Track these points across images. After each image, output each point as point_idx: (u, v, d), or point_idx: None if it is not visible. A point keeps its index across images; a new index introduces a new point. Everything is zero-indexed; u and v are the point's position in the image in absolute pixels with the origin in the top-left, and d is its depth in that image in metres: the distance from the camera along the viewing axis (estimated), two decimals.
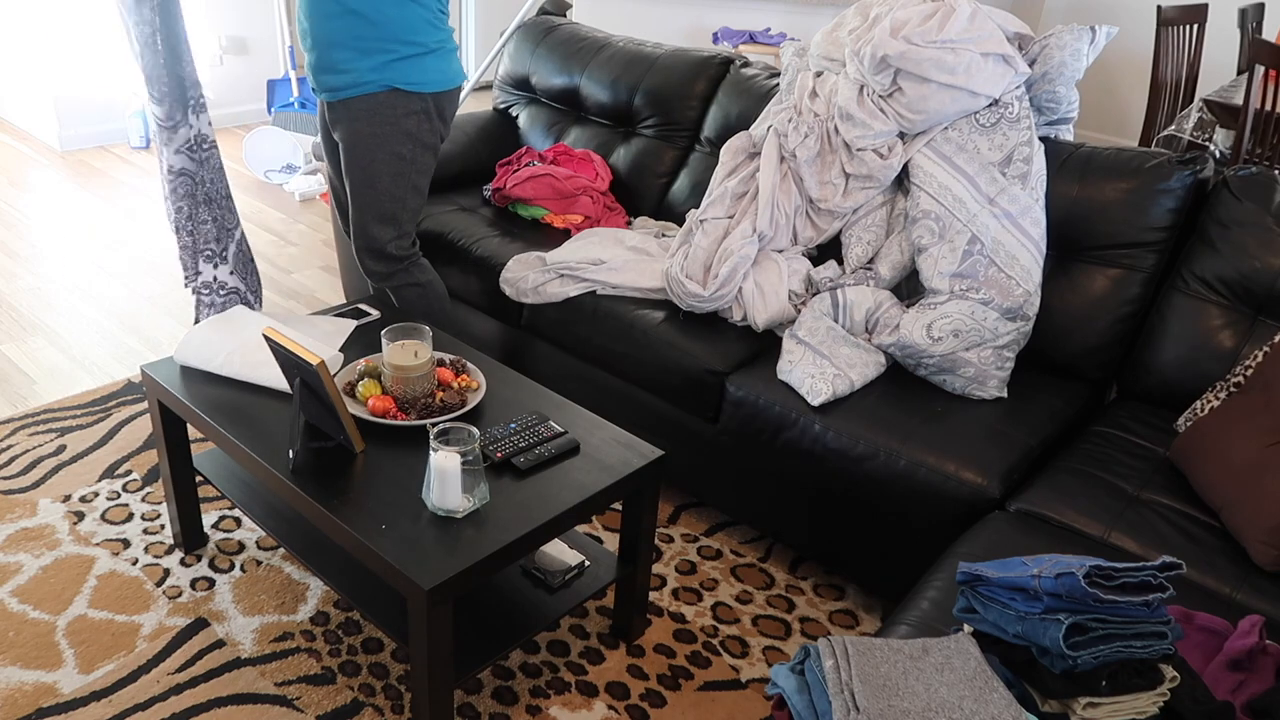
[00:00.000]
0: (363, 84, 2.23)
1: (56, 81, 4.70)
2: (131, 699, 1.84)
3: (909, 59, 2.23)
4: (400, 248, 2.43)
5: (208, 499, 2.39)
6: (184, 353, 2.00)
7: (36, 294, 3.37)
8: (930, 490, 1.93)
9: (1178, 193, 2.14)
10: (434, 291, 2.53)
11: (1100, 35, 2.25)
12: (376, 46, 2.21)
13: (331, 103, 2.31)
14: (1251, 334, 2.05)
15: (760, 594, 2.21)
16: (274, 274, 3.65)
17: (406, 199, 2.37)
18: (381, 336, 1.88)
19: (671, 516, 2.45)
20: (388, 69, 2.23)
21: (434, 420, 1.85)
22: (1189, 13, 4.39)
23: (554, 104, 3.21)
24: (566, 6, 3.41)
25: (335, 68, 2.24)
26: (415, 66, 2.25)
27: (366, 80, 2.23)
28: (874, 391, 2.14)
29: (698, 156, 2.90)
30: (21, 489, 2.38)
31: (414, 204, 2.40)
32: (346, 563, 1.89)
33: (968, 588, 1.34)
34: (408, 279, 2.48)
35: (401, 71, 2.24)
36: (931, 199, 2.25)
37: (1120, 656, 1.19)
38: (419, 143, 2.33)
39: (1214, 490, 1.76)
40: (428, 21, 2.25)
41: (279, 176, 4.58)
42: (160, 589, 2.10)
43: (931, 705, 1.17)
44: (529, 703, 1.89)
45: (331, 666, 1.94)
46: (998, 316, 2.14)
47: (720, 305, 2.37)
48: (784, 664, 1.32)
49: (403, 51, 2.23)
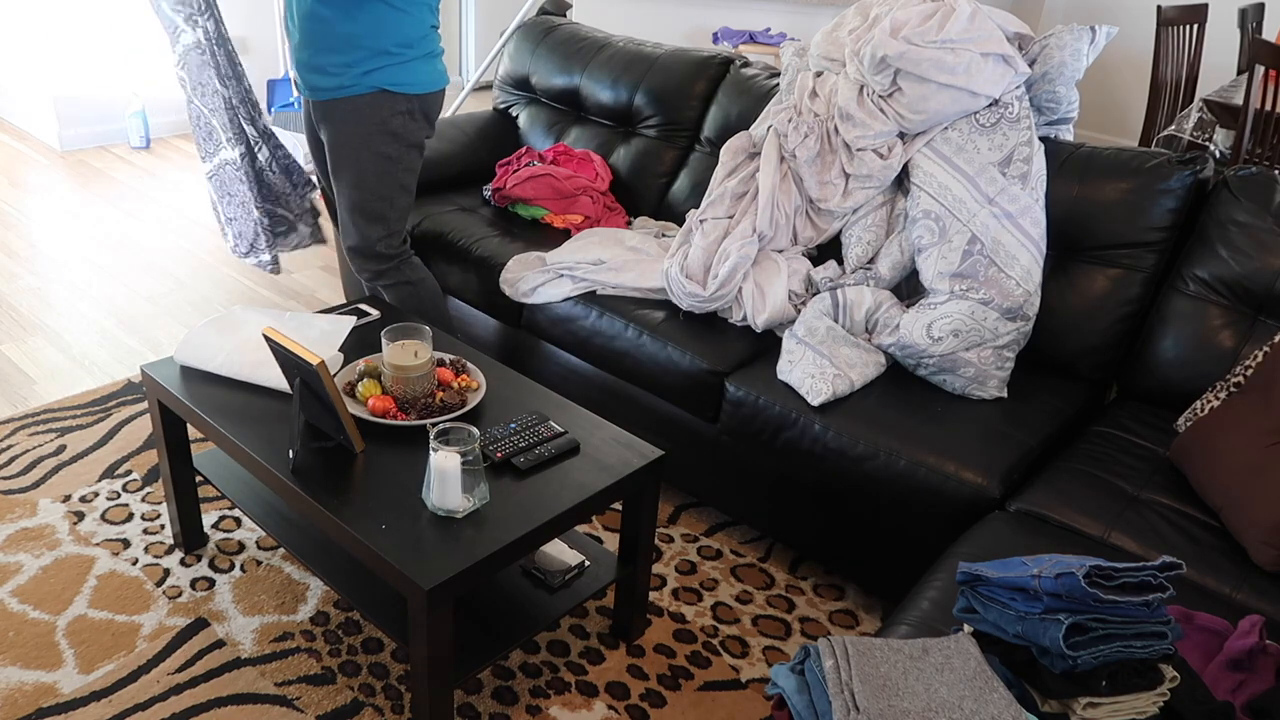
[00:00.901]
0: (350, 85, 2.25)
1: (56, 81, 4.70)
2: (131, 699, 1.84)
3: (909, 59, 2.23)
4: (389, 246, 2.43)
5: (208, 499, 2.39)
6: (184, 353, 2.00)
7: (36, 294, 3.37)
8: (930, 490, 1.93)
9: (1178, 193, 2.14)
10: (426, 290, 2.53)
11: (1100, 35, 2.26)
12: (365, 50, 2.22)
13: (317, 102, 2.32)
14: (1251, 334, 2.05)
15: (760, 594, 2.21)
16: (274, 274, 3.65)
17: (394, 198, 2.38)
18: (381, 336, 1.88)
19: (671, 516, 2.45)
20: (376, 72, 2.24)
21: (434, 420, 1.85)
22: (1189, 13, 4.39)
23: (554, 104, 3.21)
24: (566, 6, 3.41)
25: (323, 69, 2.25)
26: (403, 69, 2.27)
27: (354, 82, 2.24)
28: (874, 391, 2.14)
29: (698, 156, 2.90)
30: (21, 489, 2.38)
31: (402, 203, 2.41)
32: (346, 563, 1.88)
33: (968, 588, 1.34)
34: (399, 277, 2.48)
35: (389, 74, 2.26)
36: (931, 199, 2.25)
37: (1120, 656, 1.19)
38: (405, 142, 2.34)
39: (1214, 490, 1.76)
40: (415, 27, 2.26)
41: None
42: (160, 589, 2.10)
43: (931, 705, 1.17)
44: (529, 703, 1.89)
45: (331, 666, 1.94)
46: (998, 316, 2.14)
47: (720, 305, 2.37)
48: (784, 664, 1.32)
49: (391, 55, 2.24)
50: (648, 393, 2.38)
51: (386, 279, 2.48)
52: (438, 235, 2.79)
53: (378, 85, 2.25)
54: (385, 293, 2.51)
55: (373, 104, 2.27)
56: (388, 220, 2.40)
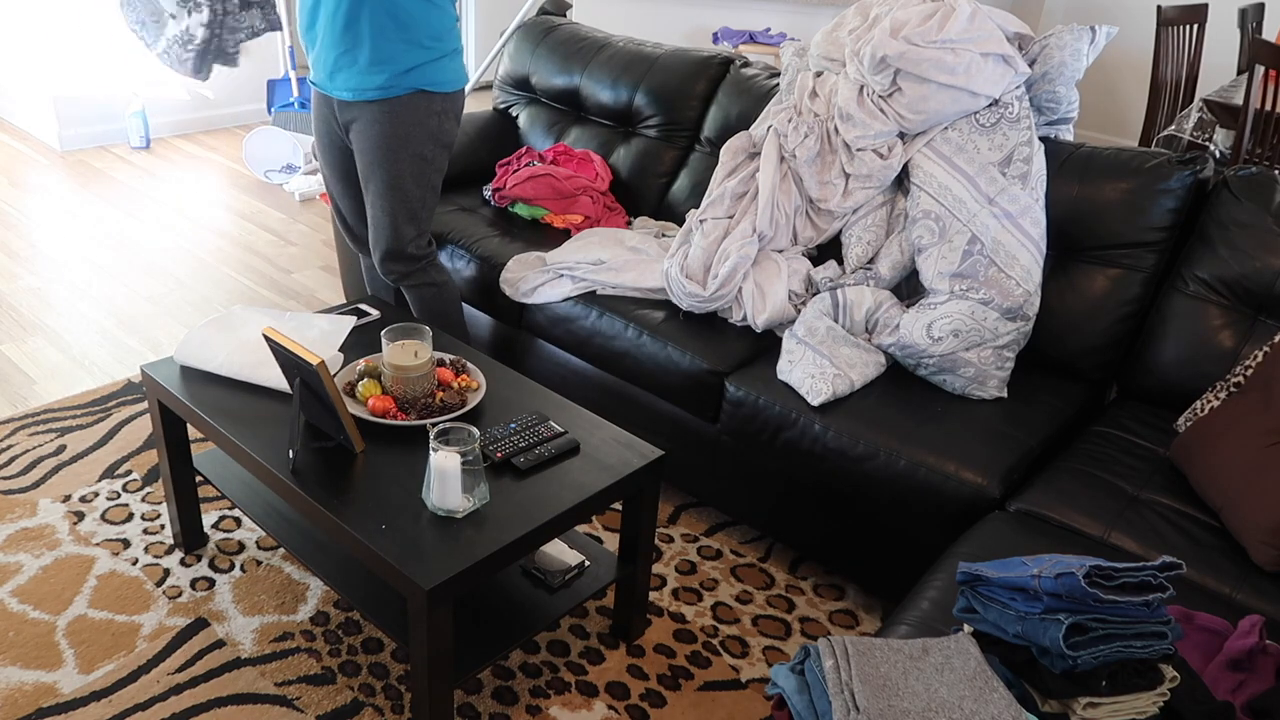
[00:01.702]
0: (391, 86, 2.24)
1: (56, 81, 4.70)
2: (131, 699, 1.84)
3: (909, 59, 2.23)
4: (419, 247, 2.44)
5: (208, 499, 2.39)
6: (184, 353, 2.00)
7: (36, 294, 3.37)
8: (930, 490, 1.93)
9: (1178, 193, 2.14)
10: (449, 292, 2.54)
11: (1100, 35, 2.26)
12: (406, 48, 2.22)
13: (349, 104, 2.31)
14: (1251, 334, 2.05)
15: (760, 594, 2.21)
16: (274, 274, 3.65)
17: (427, 199, 2.40)
18: (381, 336, 1.88)
19: (671, 516, 2.45)
20: (416, 71, 2.24)
21: (434, 420, 1.85)
22: (1189, 13, 4.39)
23: (554, 104, 3.21)
24: (566, 6, 3.41)
25: (363, 69, 2.23)
26: (438, 68, 2.27)
27: (395, 82, 2.24)
28: (874, 391, 2.14)
29: (698, 156, 2.90)
30: (21, 489, 2.38)
31: (432, 203, 2.43)
32: (346, 563, 1.88)
33: (968, 588, 1.34)
34: (425, 278, 2.49)
35: (427, 73, 2.26)
36: (931, 199, 2.25)
37: (1120, 656, 1.19)
38: (439, 143, 2.35)
39: (1214, 490, 1.76)
40: (444, 19, 2.27)
41: (279, 176, 4.58)
42: (160, 589, 2.10)
43: (931, 705, 1.17)
44: (529, 703, 1.89)
45: (331, 666, 1.94)
46: (998, 316, 2.14)
47: (720, 305, 2.37)
48: (784, 664, 1.32)
49: (430, 54, 2.25)
50: (648, 393, 2.38)
51: (413, 279, 2.48)
52: (438, 235, 2.79)
53: (415, 86, 2.25)
54: (409, 293, 2.51)
55: (410, 105, 2.26)
56: (420, 221, 2.41)
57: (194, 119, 5.25)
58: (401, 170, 2.32)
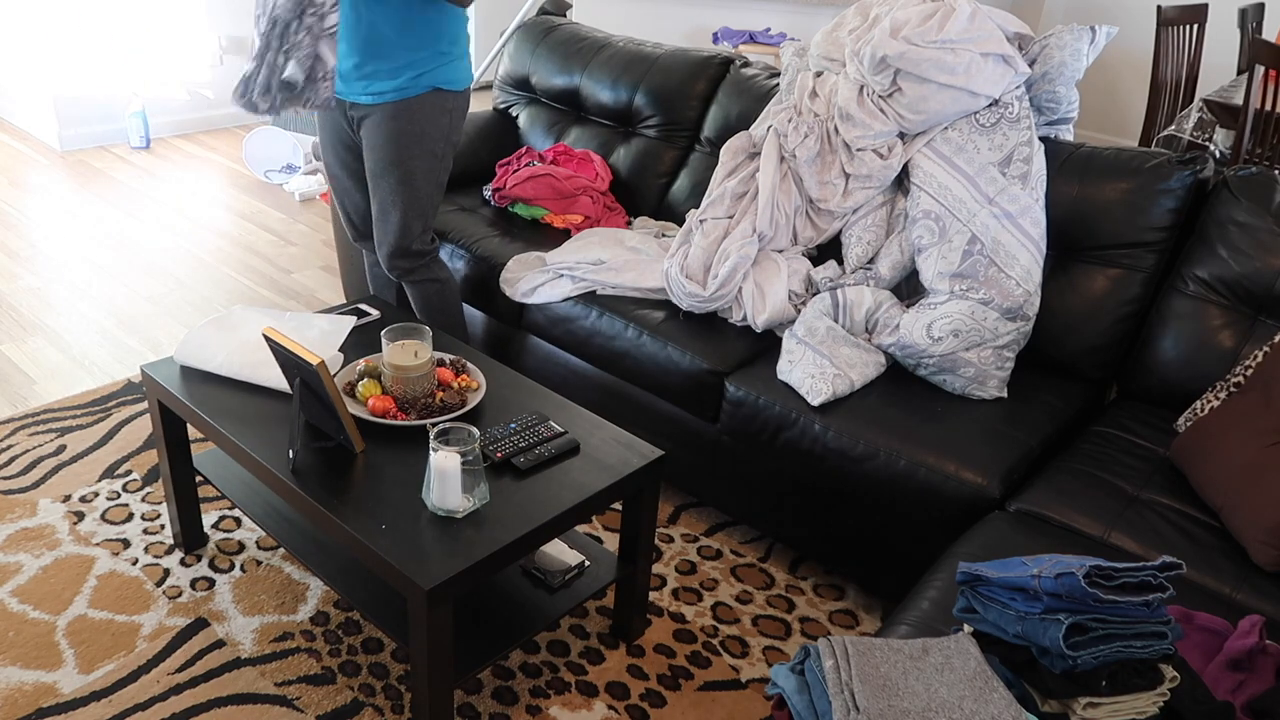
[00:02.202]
0: (408, 87, 2.27)
1: (56, 81, 4.70)
2: (131, 699, 1.84)
3: (909, 59, 2.23)
4: (424, 243, 2.47)
5: (208, 499, 2.39)
6: (184, 353, 2.00)
7: (36, 294, 3.37)
8: (930, 490, 1.93)
9: (1178, 193, 2.14)
10: (450, 289, 2.56)
11: (1100, 35, 2.25)
12: (424, 50, 2.25)
13: (364, 105, 2.32)
14: (1251, 334, 2.05)
15: (760, 594, 2.21)
16: (274, 274, 3.65)
17: (434, 195, 2.43)
18: (381, 336, 1.88)
19: (671, 516, 2.45)
20: (433, 71, 2.27)
21: (434, 420, 1.85)
22: (1189, 13, 4.39)
23: (554, 104, 3.21)
24: (566, 6, 3.41)
25: (379, 73, 2.25)
26: (450, 67, 2.31)
27: (411, 83, 2.26)
28: (874, 391, 2.14)
29: (698, 156, 2.90)
30: (21, 489, 2.38)
31: (438, 200, 2.46)
32: (346, 563, 1.88)
33: (968, 588, 1.34)
34: (428, 274, 2.51)
35: (441, 73, 2.29)
36: (931, 199, 2.25)
37: (1120, 656, 1.19)
38: (449, 141, 2.38)
39: (1214, 490, 1.76)
40: (457, 20, 2.31)
41: (279, 176, 4.58)
42: (160, 589, 2.10)
43: (931, 705, 1.17)
44: (529, 703, 1.89)
45: (331, 666, 1.94)
46: (998, 316, 2.14)
47: (720, 305, 2.37)
48: (784, 664, 1.32)
49: (446, 54, 2.28)
50: (648, 393, 2.38)
51: (417, 275, 2.50)
52: (438, 234, 2.79)
53: (432, 85, 2.28)
54: (412, 290, 2.52)
55: (426, 104, 2.29)
56: (427, 217, 2.44)
57: (194, 119, 5.25)
58: (414, 167, 2.34)
